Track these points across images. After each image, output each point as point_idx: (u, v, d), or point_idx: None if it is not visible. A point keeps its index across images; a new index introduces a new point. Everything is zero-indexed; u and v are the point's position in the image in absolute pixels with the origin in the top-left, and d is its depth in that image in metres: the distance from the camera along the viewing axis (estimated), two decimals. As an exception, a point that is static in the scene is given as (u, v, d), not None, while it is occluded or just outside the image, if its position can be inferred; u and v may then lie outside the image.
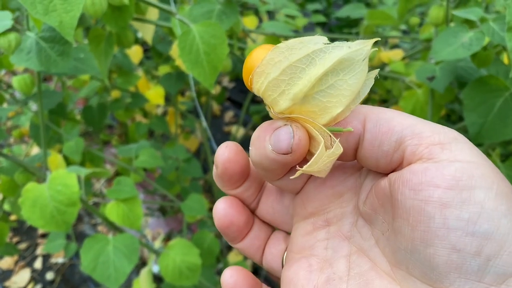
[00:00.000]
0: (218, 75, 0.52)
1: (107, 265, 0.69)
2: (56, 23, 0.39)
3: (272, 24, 0.66)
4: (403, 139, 0.19)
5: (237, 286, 0.25)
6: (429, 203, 0.17)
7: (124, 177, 0.75)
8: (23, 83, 0.64)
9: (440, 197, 0.17)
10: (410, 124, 0.19)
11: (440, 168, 0.18)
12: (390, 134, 0.19)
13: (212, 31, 0.51)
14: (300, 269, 0.23)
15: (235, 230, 0.25)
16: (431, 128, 0.19)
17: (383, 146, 0.19)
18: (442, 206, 0.17)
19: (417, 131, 0.19)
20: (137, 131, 1.03)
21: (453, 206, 0.17)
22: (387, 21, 0.69)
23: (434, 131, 0.19)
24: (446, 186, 0.17)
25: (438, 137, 0.18)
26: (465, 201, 0.17)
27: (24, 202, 0.63)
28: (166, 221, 1.31)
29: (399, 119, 0.19)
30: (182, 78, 1.01)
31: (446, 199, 0.17)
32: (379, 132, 0.19)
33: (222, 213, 0.25)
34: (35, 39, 0.57)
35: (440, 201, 0.17)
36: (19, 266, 1.32)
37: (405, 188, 0.18)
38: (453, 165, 0.17)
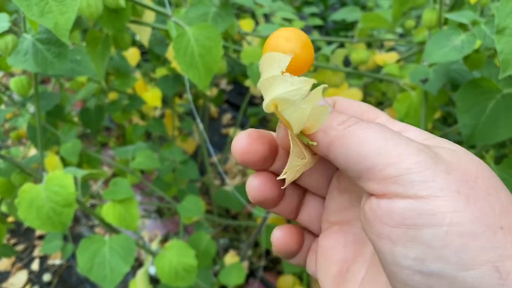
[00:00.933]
0: (213, 76, 0.53)
1: (103, 266, 0.69)
2: (51, 24, 0.40)
3: (268, 27, 0.67)
4: (361, 174, 0.19)
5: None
6: (381, 240, 0.18)
7: (120, 178, 0.75)
8: (20, 84, 0.65)
9: (388, 235, 0.17)
10: (367, 155, 0.18)
11: (389, 205, 0.18)
12: (352, 165, 0.19)
13: (207, 33, 0.51)
14: (337, 243, 0.24)
15: (269, 203, 0.25)
16: (387, 159, 0.18)
17: (348, 173, 0.20)
18: (391, 243, 0.17)
19: (371, 164, 0.18)
20: (134, 133, 1.04)
21: (400, 245, 0.17)
22: (382, 24, 0.69)
23: (389, 163, 0.18)
24: (393, 225, 0.17)
25: (390, 171, 0.18)
26: (412, 240, 0.17)
27: (21, 203, 0.64)
28: (163, 223, 1.31)
29: (361, 148, 0.19)
30: (179, 80, 1.01)
31: (394, 237, 0.17)
32: (346, 162, 0.20)
33: (256, 189, 0.24)
34: (32, 41, 0.57)
35: (389, 239, 0.17)
36: (16, 268, 1.32)
37: (364, 222, 0.19)
38: (400, 203, 0.17)
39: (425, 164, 0.17)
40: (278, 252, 0.26)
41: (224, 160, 1.43)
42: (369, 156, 0.18)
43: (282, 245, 0.26)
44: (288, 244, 0.26)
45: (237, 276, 0.90)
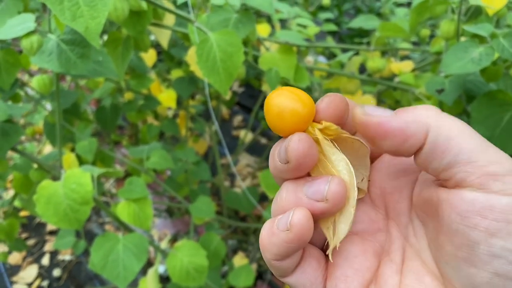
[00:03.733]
0: (233, 81, 0.54)
1: (116, 264, 0.70)
2: (82, 28, 0.41)
3: (286, 33, 0.68)
4: (456, 163, 0.19)
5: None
6: (475, 230, 0.18)
7: (135, 177, 0.76)
8: (42, 83, 0.66)
9: (487, 227, 0.18)
10: (468, 150, 0.19)
11: (490, 200, 0.18)
12: (444, 155, 0.20)
13: (229, 39, 0.52)
14: (359, 249, 0.24)
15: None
16: (488, 157, 0.19)
17: (433, 164, 0.20)
18: (488, 235, 0.18)
19: (473, 158, 0.19)
20: (148, 133, 1.05)
21: (499, 236, 0.18)
22: (399, 34, 0.70)
23: (490, 161, 0.19)
24: (494, 218, 0.18)
25: (493, 168, 0.18)
26: (511, 233, 0.18)
27: (39, 199, 0.65)
28: (173, 222, 1.33)
29: (458, 140, 0.19)
30: (194, 82, 1.03)
31: (493, 230, 0.18)
32: (434, 151, 0.20)
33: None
34: (56, 41, 0.59)
35: (487, 231, 0.18)
36: (27, 262, 1.34)
37: (452, 211, 0.19)
38: (503, 199, 0.18)
39: None
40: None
41: (234, 162, 1.44)
42: (471, 151, 0.19)
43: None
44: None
45: (246, 278, 0.91)
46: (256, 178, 1.46)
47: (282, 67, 0.65)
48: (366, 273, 0.23)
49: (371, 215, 0.25)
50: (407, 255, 0.23)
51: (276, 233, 0.21)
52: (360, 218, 0.25)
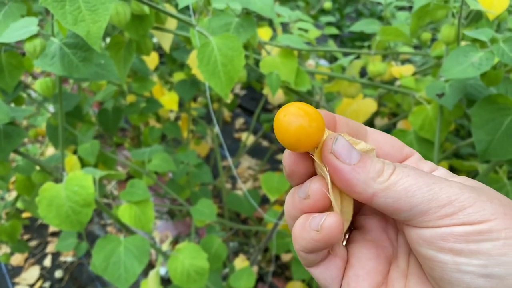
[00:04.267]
0: (234, 85, 0.54)
1: (118, 266, 0.70)
2: (84, 32, 0.41)
3: (287, 37, 0.68)
4: (412, 217, 0.22)
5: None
6: (441, 252, 0.21)
7: (137, 180, 0.77)
8: (45, 86, 0.67)
9: (451, 248, 0.20)
10: (416, 203, 0.21)
11: (448, 229, 0.21)
12: (398, 213, 0.22)
13: (230, 43, 0.53)
14: (372, 253, 0.25)
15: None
16: (438, 203, 0.21)
17: (394, 217, 0.23)
18: (454, 254, 0.20)
19: (424, 209, 0.21)
20: (150, 135, 1.05)
21: (463, 255, 0.20)
22: (400, 38, 0.70)
23: (441, 205, 0.21)
24: (455, 241, 0.20)
25: (444, 211, 0.21)
26: (473, 251, 0.20)
27: (41, 201, 0.65)
28: (174, 224, 1.33)
29: (405, 199, 0.21)
30: (196, 85, 1.03)
31: (457, 250, 0.20)
32: (393, 210, 0.22)
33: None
34: (59, 44, 0.59)
35: (451, 251, 0.20)
36: (29, 263, 1.35)
37: (419, 238, 0.22)
38: (460, 228, 0.20)
39: (471, 199, 0.21)
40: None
41: (236, 164, 1.44)
42: (420, 204, 0.21)
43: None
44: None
45: (247, 280, 0.91)
46: (257, 180, 1.47)
47: (283, 71, 0.66)
48: (377, 275, 0.25)
49: (382, 224, 0.27)
50: (411, 262, 0.25)
51: (307, 230, 0.23)
52: (375, 225, 0.27)
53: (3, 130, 0.65)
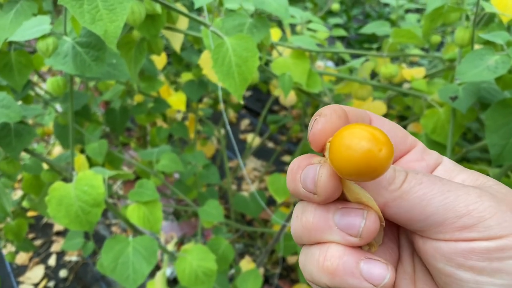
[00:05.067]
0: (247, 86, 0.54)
1: (126, 266, 0.70)
2: (101, 32, 0.41)
3: (299, 39, 0.68)
4: (428, 227, 0.20)
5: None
6: (461, 270, 0.19)
7: (146, 180, 0.76)
8: (56, 85, 0.66)
9: (472, 266, 0.19)
10: (432, 212, 0.19)
11: (469, 244, 0.19)
12: (413, 222, 0.20)
13: (244, 44, 0.53)
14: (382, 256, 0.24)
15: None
16: (455, 213, 0.19)
17: (408, 227, 0.21)
18: (475, 273, 0.19)
19: (441, 219, 0.19)
20: (158, 136, 1.05)
21: (485, 274, 0.19)
22: (412, 40, 0.70)
23: (459, 215, 0.19)
24: (476, 259, 0.19)
25: (462, 222, 0.19)
26: (496, 270, 0.18)
27: (51, 201, 0.65)
28: (180, 225, 1.33)
29: (419, 207, 0.20)
30: (204, 86, 1.03)
31: (479, 268, 0.19)
32: (406, 220, 0.21)
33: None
34: (72, 43, 0.59)
35: (472, 269, 0.19)
36: (34, 262, 1.34)
37: (435, 253, 0.20)
38: (482, 243, 0.19)
39: (492, 208, 0.19)
40: None
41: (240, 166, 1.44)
42: (435, 214, 0.19)
43: None
44: None
45: (254, 283, 0.91)
46: (263, 182, 1.46)
47: (295, 72, 0.65)
48: None
49: (392, 229, 0.25)
50: (417, 267, 0.23)
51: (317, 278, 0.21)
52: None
53: (14, 129, 0.65)
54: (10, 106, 0.62)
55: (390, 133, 0.23)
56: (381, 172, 0.18)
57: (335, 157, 0.19)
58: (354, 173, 0.18)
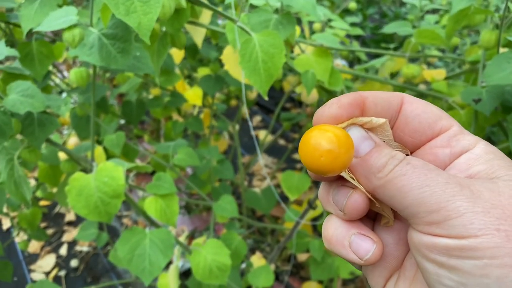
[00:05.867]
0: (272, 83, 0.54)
1: (142, 258, 0.70)
2: (135, 24, 0.41)
3: (322, 36, 0.68)
4: (407, 217, 0.21)
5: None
6: (426, 260, 0.20)
7: (164, 173, 0.77)
8: (79, 75, 0.67)
9: (434, 259, 0.20)
10: (409, 204, 0.21)
11: (432, 239, 0.20)
12: (398, 210, 0.22)
13: (271, 40, 0.53)
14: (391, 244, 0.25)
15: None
16: (426, 208, 0.20)
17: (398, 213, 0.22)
18: (436, 266, 0.20)
19: (414, 212, 0.20)
20: (173, 129, 1.05)
21: (444, 268, 0.20)
22: (435, 41, 0.69)
23: (429, 211, 0.20)
24: (437, 253, 0.20)
25: (431, 218, 0.20)
26: (454, 267, 0.19)
27: (71, 191, 0.66)
28: (191, 219, 1.33)
29: (397, 199, 0.21)
30: (221, 81, 1.03)
31: (439, 262, 0.20)
32: (391, 205, 0.22)
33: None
34: (98, 35, 0.59)
35: (434, 262, 0.20)
36: (45, 251, 1.36)
37: (410, 241, 0.22)
38: (442, 240, 0.20)
39: (462, 208, 0.19)
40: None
41: (253, 162, 1.44)
42: (410, 206, 0.20)
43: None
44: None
45: (265, 279, 0.91)
46: (275, 178, 1.46)
47: (318, 70, 0.65)
48: (392, 262, 0.25)
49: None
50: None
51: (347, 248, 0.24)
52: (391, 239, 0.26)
53: (37, 118, 0.65)
54: (35, 95, 0.63)
55: (415, 120, 0.24)
56: (342, 167, 0.21)
57: (302, 159, 0.22)
58: (321, 170, 0.21)
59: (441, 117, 0.24)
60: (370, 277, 0.25)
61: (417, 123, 0.24)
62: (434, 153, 0.24)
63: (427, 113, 0.24)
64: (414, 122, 0.24)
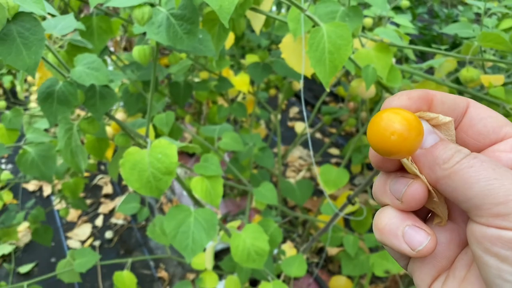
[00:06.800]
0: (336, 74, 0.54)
1: (186, 235, 0.72)
2: (217, 6, 0.42)
3: (384, 31, 0.68)
4: (467, 209, 0.21)
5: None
6: (487, 254, 0.20)
7: (211, 155, 0.78)
8: (142, 53, 0.69)
9: (497, 253, 0.20)
10: (471, 196, 0.21)
11: (498, 232, 0.20)
12: (460, 202, 0.22)
13: (339, 31, 0.53)
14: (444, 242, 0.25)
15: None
16: (492, 200, 0.20)
17: (455, 203, 0.22)
18: (499, 260, 0.20)
19: (478, 203, 0.20)
20: (218, 114, 1.07)
21: (507, 263, 0.19)
22: (500, 45, 0.68)
23: (495, 203, 0.20)
24: (502, 246, 0.20)
25: (497, 210, 0.20)
26: None
27: (125, 164, 0.68)
28: (225, 202, 1.35)
29: (461, 190, 0.21)
30: (269, 69, 1.04)
31: (502, 256, 0.20)
32: (453, 198, 0.22)
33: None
34: (166, 14, 0.61)
35: (497, 256, 0.20)
36: (82, 220, 1.41)
37: (472, 237, 0.21)
38: (509, 233, 0.19)
39: None
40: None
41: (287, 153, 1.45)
42: (476, 197, 0.20)
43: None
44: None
45: (298, 268, 0.92)
46: (309, 170, 1.47)
47: (377, 65, 0.65)
48: (442, 261, 0.25)
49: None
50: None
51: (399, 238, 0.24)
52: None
53: (99, 91, 0.68)
54: (100, 69, 0.65)
55: (480, 123, 0.24)
56: (410, 151, 0.22)
57: (369, 139, 0.22)
58: (388, 152, 0.22)
59: (506, 123, 0.24)
60: (416, 274, 0.25)
61: (482, 126, 0.24)
62: (497, 156, 0.24)
63: (492, 118, 0.24)
64: (479, 125, 0.24)
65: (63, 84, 0.64)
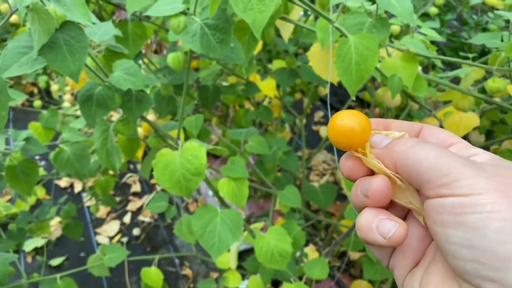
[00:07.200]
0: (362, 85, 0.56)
1: (213, 235, 0.75)
2: (250, 20, 0.45)
3: (411, 41, 0.69)
4: (420, 184, 0.24)
5: None
6: (436, 224, 0.23)
7: (238, 157, 0.81)
8: (176, 60, 0.72)
9: (441, 221, 0.23)
10: (424, 172, 0.24)
11: (441, 201, 0.23)
12: (413, 179, 0.25)
13: (366, 43, 0.55)
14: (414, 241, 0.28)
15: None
16: (437, 173, 0.23)
17: (410, 182, 0.26)
18: (444, 227, 0.23)
19: (426, 177, 0.24)
20: (245, 117, 1.10)
21: (450, 227, 0.22)
22: (527, 56, 0.68)
23: (439, 175, 0.23)
24: (444, 213, 0.23)
25: (441, 181, 0.23)
26: (459, 223, 0.22)
27: (157, 164, 0.71)
28: (248, 204, 1.38)
29: (419, 166, 0.24)
30: (295, 75, 1.06)
31: (446, 222, 0.23)
32: (408, 176, 0.25)
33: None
34: (200, 24, 0.64)
35: (442, 224, 0.23)
36: (110, 217, 1.46)
37: (425, 214, 0.25)
38: (451, 199, 0.22)
39: (469, 173, 0.22)
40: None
41: (312, 157, 1.46)
42: (426, 173, 0.24)
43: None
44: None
45: (321, 271, 0.94)
46: (334, 175, 1.48)
47: (403, 75, 0.66)
48: (418, 254, 0.27)
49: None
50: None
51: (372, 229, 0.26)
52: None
53: (135, 95, 0.71)
54: (136, 74, 0.68)
55: (432, 136, 0.28)
56: (361, 142, 0.27)
57: (332, 132, 0.27)
58: (343, 143, 0.27)
59: (453, 135, 0.28)
60: (396, 269, 0.28)
61: (433, 139, 0.28)
62: None
63: (442, 132, 0.28)
64: (431, 138, 0.28)
65: (102, 88, 0.68)
